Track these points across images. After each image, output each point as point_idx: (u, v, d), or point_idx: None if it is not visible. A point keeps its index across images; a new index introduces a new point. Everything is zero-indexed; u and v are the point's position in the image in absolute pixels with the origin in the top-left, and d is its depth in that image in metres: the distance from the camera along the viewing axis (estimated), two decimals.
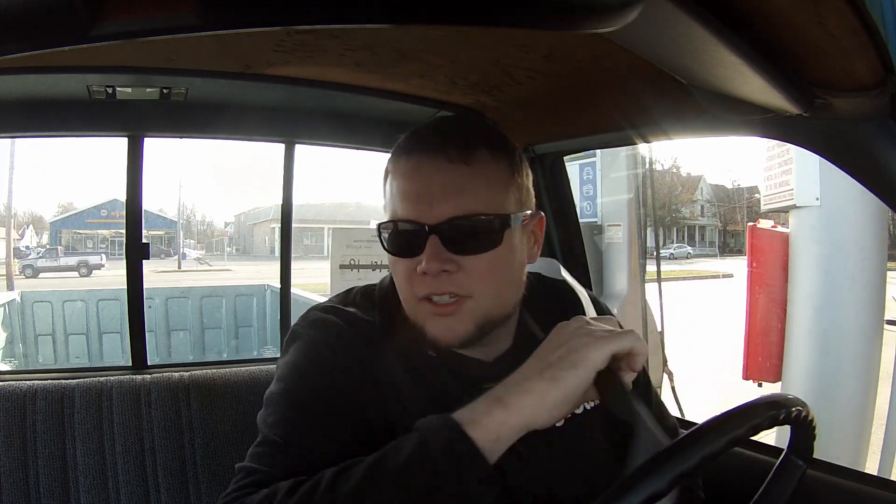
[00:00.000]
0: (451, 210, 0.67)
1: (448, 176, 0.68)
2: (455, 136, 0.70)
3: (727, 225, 34.15)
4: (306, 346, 0.75)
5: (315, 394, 0.71)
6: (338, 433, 0.69)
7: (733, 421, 0.60)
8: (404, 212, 0.69)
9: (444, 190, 0.68)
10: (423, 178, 0.69)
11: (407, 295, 0.72)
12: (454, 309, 0.70)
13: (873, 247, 2.52)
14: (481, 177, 0.69)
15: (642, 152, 3.62)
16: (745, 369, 2.91)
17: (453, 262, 0.68)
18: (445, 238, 0.68)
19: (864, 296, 2.52)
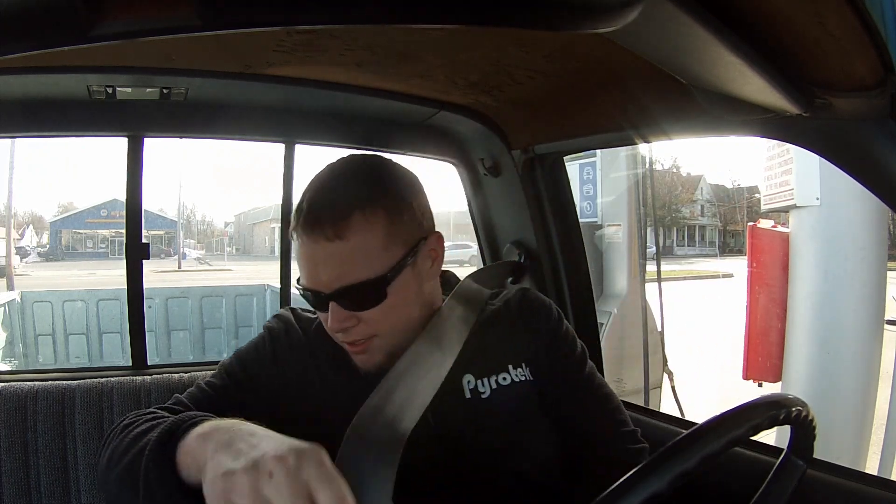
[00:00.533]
0: (336, 282, 0.77)
1: (328, 253, 0.76)
2: (329, 211, 0.77)
3: (727, 225, 34.14)
4: (258, 336, 0.91)
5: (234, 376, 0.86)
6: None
7: (733, 421, 0.60)
8: (304, 280, 0.79)
9: (327, 266, 0.77)
10: (309, 256, 0.78)
11: (332, 335, 0.83)
12: (364, 347, 0.81)
13: (873, 247, 2.52)
14: (358, 249, 0.77)
15: (642, 152, 3.62)
16: (745, 369, 2.91)
17: (353, 318, 0.79)
18: (340, 302, 0.78)
19: (864, 296, 2.52)
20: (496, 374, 0.88)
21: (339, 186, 0.80)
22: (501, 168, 1.44)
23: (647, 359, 3.31)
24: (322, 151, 1.49)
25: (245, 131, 1.40)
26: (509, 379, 0.88)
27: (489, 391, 0.86)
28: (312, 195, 0.80)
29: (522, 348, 0.91)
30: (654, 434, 1.20)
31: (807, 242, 2.64)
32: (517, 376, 0.88)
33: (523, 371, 0.89)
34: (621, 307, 3.57)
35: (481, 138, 1.43)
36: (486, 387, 0.86)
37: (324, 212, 0.77)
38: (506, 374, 0.88)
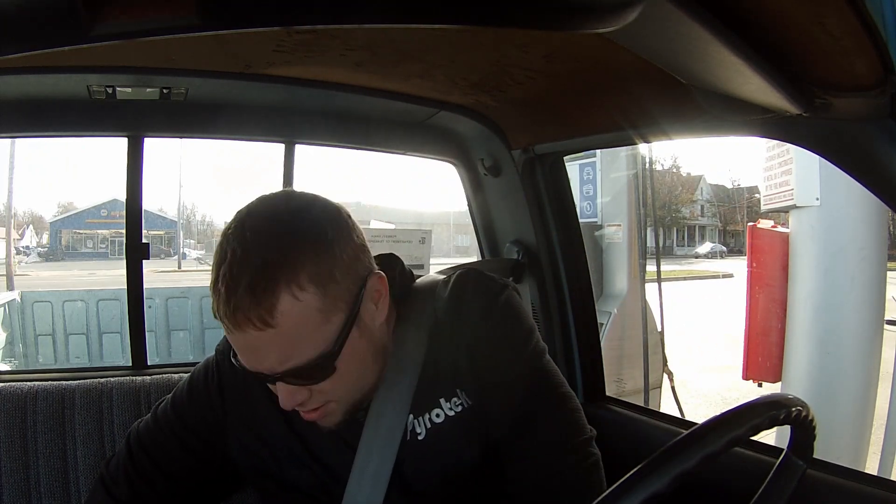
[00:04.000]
0: (279, 366, 0.69)
1: (261, 342, 0.67)
2: (250, 299, 0.66)
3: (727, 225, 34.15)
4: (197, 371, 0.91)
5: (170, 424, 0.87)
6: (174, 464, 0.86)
7: (733, 421, 0.60)
8: (245, 363, 0.71)
9: (265, 353, 0.69)
10: (242, 345, 0.70)
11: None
12: (322, 413, 0.75)
13: (873, 247, 2.52)
14: (293, 332, 0.68)
15: (642, 152, 3.62)
16: (744, 369, 2.91)
17: (305, 391, 0.72)
18: (290, 381, 0.71)
19: (864, 296, 2.52)
20: (429, 410, 0.80)
21: (252, 261, 0.67)
22: (501, 168, 1.44)
23: (646, 359, 3.31)
24: (322, 151, 1.49)
25: (245, 131, 1.40)
26: (442, 415, 0.80)
27: (424, 432, 0.80)
28: (226, 277, 0.67)
29: (455, 369, 0.81)
30: (654, 434, 1.20)
31: (807, 242, 2.64)
32: (450, 409, 0.80)
33: (459, 399, 0.81)
34: (621, 307, 3.57)
35: (481, 138, 1.43)
36: (422, 427, 0.80)
37: (244, 300, 0.66)
38: (438, 409, 0.80)
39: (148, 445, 0.86)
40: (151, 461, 0.85)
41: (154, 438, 0.87)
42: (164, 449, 0.86)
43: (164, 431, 0.87)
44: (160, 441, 0.86)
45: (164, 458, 0.86)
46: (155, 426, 0.88)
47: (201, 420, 0.86)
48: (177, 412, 0.88)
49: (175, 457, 0.86)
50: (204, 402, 0.86)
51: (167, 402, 0.90)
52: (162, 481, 0.85)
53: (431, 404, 0.81)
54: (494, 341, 0.82)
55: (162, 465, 0.85)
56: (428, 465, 0.80)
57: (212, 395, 0.86)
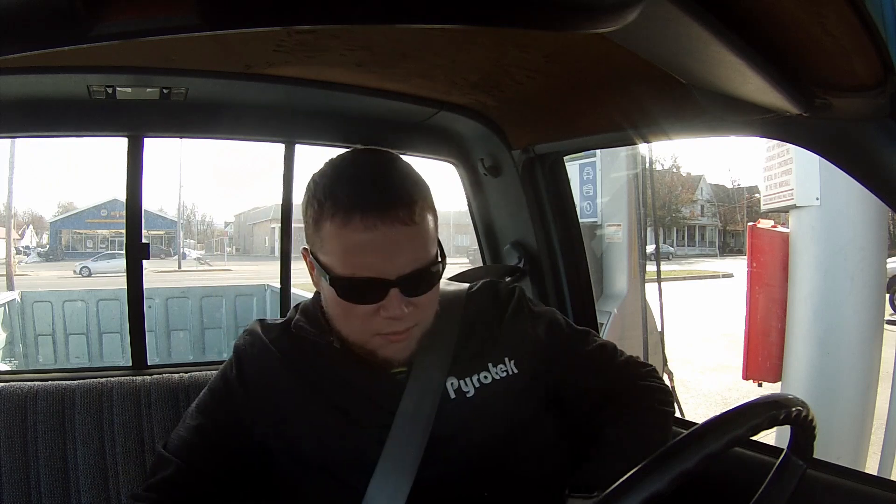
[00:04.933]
0: (406, 266, 0.77)
1: (401, 237, 0.76)
2: (400, 196, 0.77)
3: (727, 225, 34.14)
4: (216, 376, 0.91)
5: (204, 422, 0.87)
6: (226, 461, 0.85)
7: (733, 421, 0.60)
8: (364, 268, 0.77)
9: (400, 249, 0.77)
10: (379, 242, 0.76)
11: (360, 331, 0.82)
12: (406, 335, 0.82)
13: (873, 247, 2.52)
14: (423, 233, 0.79)
15: (642, 152, 3.62)
16: (744, 369, 2.91)
17: (410, 304, 0.79)
18: (403, 288, 0.77)
19: (864, 296, 2.52)
20: (477, 373, 0.87)
21: (390, 175, 0.79)
22: (501, 168, 1.44)
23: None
24: (322, 151, 1.49)
25: (245, 131, 1.40)
26: (490, 377, 0.87)
27: (473, 391, 0.86)
28: (366, 183, 0.77)
29: (501, 344, 0.91)
30: None
31: (807, 242, 2.64)
32: (498, 373, 0.88)
33: (505, 366, 0.89)
34: (621, 307, 3.57)
35: (481, 138, 1.43)
36: (469, 386, 0.86)
37: (394, 196, 0.76)
38: (486, 372, 0.88)
39: (185, 456, 0.85)
40: (194, 471, 0.84)
41: (190, 448, 0.85)
42: (204, 455, 0.85)
43: (197, 438, 0.86)
44: (197, 448, 0.85)
45: (205, 463, 0.84)
46: (187, 434, 0.87)
47: (228, 414, 0.87)
48: (204, 415, 0.88)
49: (214, 459, 0.85)
50: (227, 397, 0.88)
51: (192, 410, 0.90)
52: (209, 486, 0.84)
53: (479, 367, 0.88)
54: (530, 322, 0.95)
55: (206, 471, 0.84)
56: (476, 420, 0.85)
57: (233, 389, 0.87)
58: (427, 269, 0.79)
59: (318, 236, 0.79)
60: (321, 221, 0.78)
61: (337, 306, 0.81)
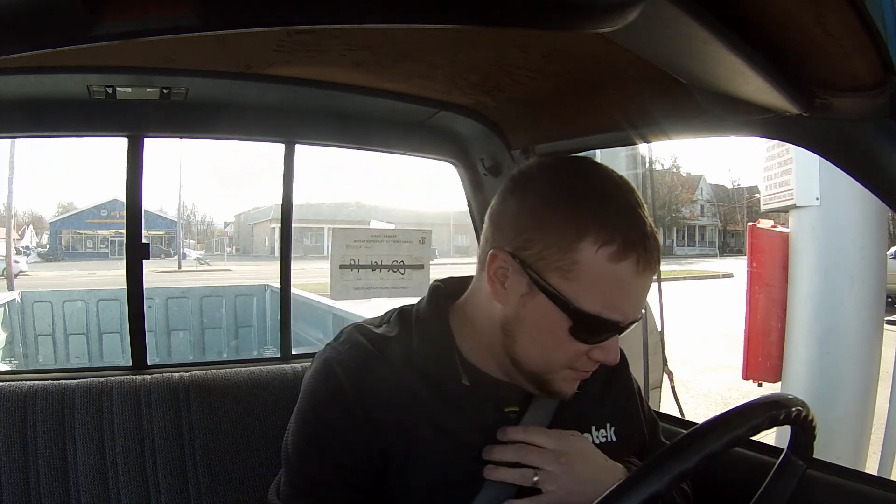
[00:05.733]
0: (638, 314, 0.73)
1: (648, 285, 0.73)
2: (658, 245, 0.71)
3: (727, 225, 34.15)
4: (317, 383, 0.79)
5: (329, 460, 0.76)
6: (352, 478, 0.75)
7: (733, 421, 0.60)
8: (616, 311, 0.70)
9: (645, 300, 0.74)
10: (643, 285, 0.71)
11: (558, 363, 0.74)
12: (587, 375, 0.77)
13: (873, 247, 2.52)
14: None
15: (642, 152, 3.62)
16: (744, 369, 2.90)
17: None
18: (622, 332, 0.73)
19: (864, 296, 2.52)
20: (589, 430, 0.83)
21: (643, 208, 0.71)
22: (501, 168, 1.44)
23: (646, 359, 3.31)
24: (322, 151, 1.49)
25: (245, 131, 1.40)
26: (591, 439, 0.82)
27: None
28: (639, 218, 0.69)
29: (606, 407, 0.85)
30: None
31: (807, 242, 2.64)
32: (599, 437, 0.83)
33: (606, 432, 0.84)
34: None
35: (481, 138, 1.43)
36: None
37: (656, 244, 0.71)
38: (588, 434, 0.82)
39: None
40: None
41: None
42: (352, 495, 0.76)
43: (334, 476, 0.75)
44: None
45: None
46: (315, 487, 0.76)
47: (359, 448, 0.76)
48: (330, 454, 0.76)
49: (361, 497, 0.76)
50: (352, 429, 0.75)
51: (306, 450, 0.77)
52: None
53: (581, 428, 0.82)
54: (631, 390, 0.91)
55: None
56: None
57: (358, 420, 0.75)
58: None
59: (565, 256, 0.68)
60: (581, 245, 0.68)
61: (549, 337, 0.72)
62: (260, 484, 1.17)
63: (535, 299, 0.71)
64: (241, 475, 1.18)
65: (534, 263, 0.70)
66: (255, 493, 1.17)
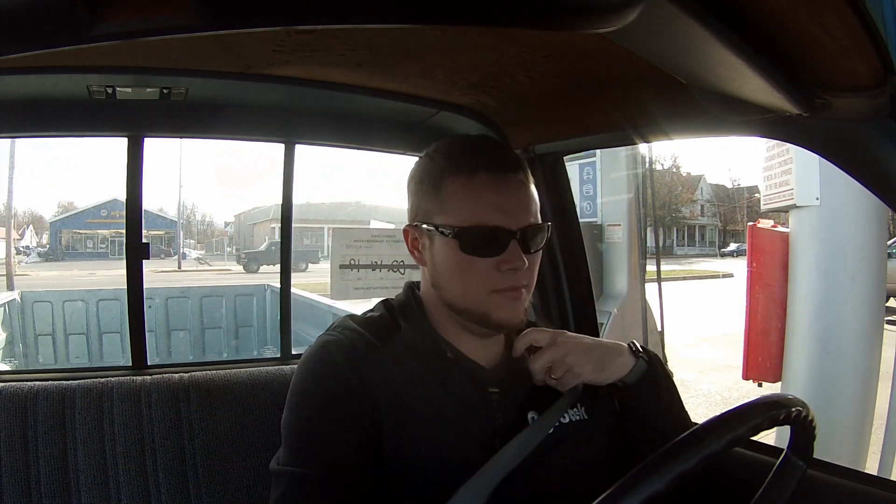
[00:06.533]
0: (526, 220, 0.83)
1: (522, 192, 0.83)
2: (517, 161, 0.85)
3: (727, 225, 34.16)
4: (313, 362, 0.85)
5: (326, 421, 0.81)
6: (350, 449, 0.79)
7: (733, 421, 0.60)
8: (493, 220, 0.81)
9: (520, 204, 0.83)
10: (509, 193, 0.82)
11: (478, 289, 0.83)
12: (518, 295, 0.84)
13: (873, 247, 2.52)
14: (534, 196, 0.85)
15: (642, 152, 3.62)
16: (744, 369, 2.90)
17: (525, 259, 0.82)
18: (521, 242, 0.82)
19: (864, 296, 2.52)
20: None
21: (500, 146, 0.92)
22: None
23: None
24: (322, 151, 1.49)
25: (245, 131, 1.40)
26: (567, 418, 0.87)
27: (552, 428, 0.84)
28: (484, 147, 0.86)
29: (577, 387, 0.88)
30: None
31: (807, 242, 2.64)
32: (572, 416, 0.87)
33: (578, 411, 0.88)
34: (621, 307, 3.57)
35: None
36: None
37: (511, 158, 0.85)
38: (564, 413, 0.86)
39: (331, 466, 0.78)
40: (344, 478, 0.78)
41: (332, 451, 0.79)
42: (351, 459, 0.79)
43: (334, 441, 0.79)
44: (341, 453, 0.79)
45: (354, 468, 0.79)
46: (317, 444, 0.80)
47: (355, 413, 0.80)
48: (328, 417, 0.80)
49: (361, 461, 0.79)
50: (348, 396, 0.81)
51: (307, 416, 0.82)
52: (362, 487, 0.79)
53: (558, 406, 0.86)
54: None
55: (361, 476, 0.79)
56: (552, 458, 0.83)
57: (353, 387, 0.81)
58: (540, 226, 0.84)
59: (436, 199, 0.84)
60: (442, 183, 0.83)
61: (455, 265, 0.83)
62: (260, 484, 1.17)
63: (434, 243, 0.85)
64: (240, 475, 1.18)
65: (423, 218, 0.85)
66: (255, 493, 1.17)
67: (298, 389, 0.84)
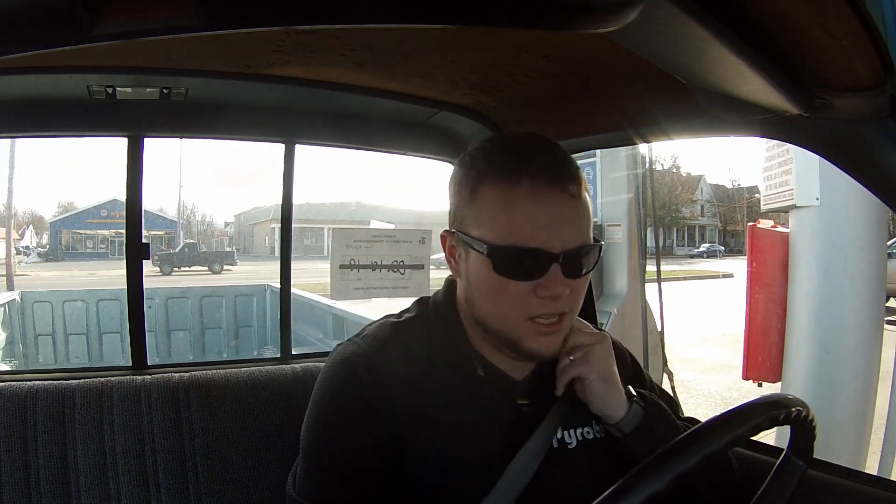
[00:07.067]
0: (573, 241, 0.73)
1: (568, 209, 0.73)
2: (568, 168, 0.74)
3: (727, 225, 34.16)
4: (336, 381, 0.79)
5: (347, 451, 0.76)
6: (375, 481, 0.76)
7: (733, 421, 0.60)
8: (531, 239, 0.72)
9: (567, 222, 0.73)
10: (553, 209, 0.72)
11: (512, 314, 0.75)
12: (557, 327, 0.76)
13: (873, 247, 2.52)
14: (586, 210, 0.75)
15: (642, 152, 3.62)
16: (744, 369, 2.90)
17: (567, 285, 0.74)
18: (564, 265, 0.73)
19: (864, 296, 2.52)
20: (581, 426, 0.84)
21: (555, 149, 0.76)
22: None
23: (646, 359, 3.31)
24: (322, 151, 1.49)
25: (245, 131, 1.40)
26: (592, 434, 0.84)
27: (575, 442, 0.82)
28: (534, 151, 0.74)
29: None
30: None
31: (807, 242, 2.64)
32: (599, 433, 0.84)
33: (600, 429, 0.85)
34: (621, 307, 3.57)
35: (481, 138, 1.42)
36: (573, 438, 0.82)
37: (561, 166, 0.73)
38: (589, 428, 0.84)
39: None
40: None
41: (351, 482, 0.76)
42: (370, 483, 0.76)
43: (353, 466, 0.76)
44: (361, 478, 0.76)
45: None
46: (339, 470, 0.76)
47: (375, 431, 0.76)
48: (345, 440, 0.77)
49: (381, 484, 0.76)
50: (367, 413, 0.77)
51: (322, 440, 0.78)
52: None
53: (584, 422, 0.84)
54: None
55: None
56: (573, 473, 0.80)
57: (374, 403, 0.77)
58: (590, 247, 0.75)
59: (472, 207, 0.75)
60: (479, 188, 0.74)
61: (488, 285, 0.74)
62: (260, 484, 1.17)
63: (469, 257, 0.76)
64: (240, 475, 1.18)
65: (459, 226, 0.77)
66: (255, 493, 1.17)
67: (315, 403, 0.80)
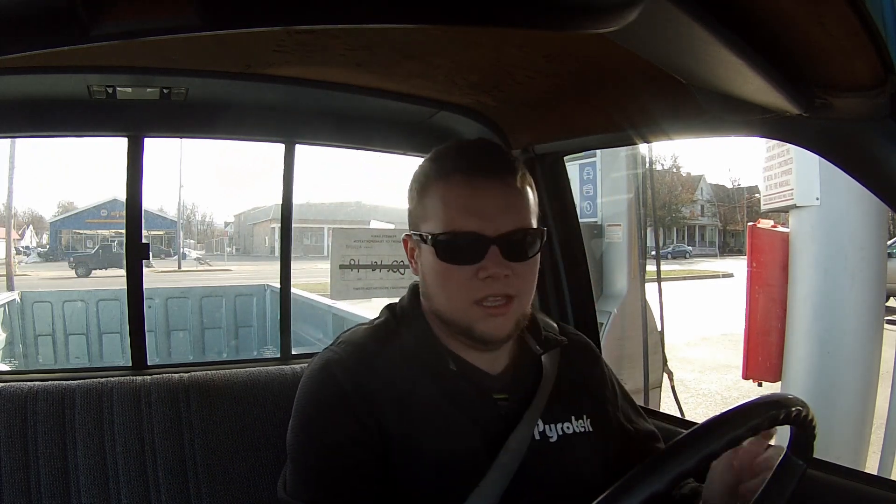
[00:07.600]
0: (508, 225, 0.78)
1: (502, 197, 0.79)
2: (504, 163, 0.82)
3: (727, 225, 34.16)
4: (316, 385, 0.83)
5: (330, 448, 0.80)
6: (364, 479, 0.79)
7: (733, 421, 0.60)
8: (466, 225, 0.78)
9: (502, 208, 0.79)
10: (485, 197, 0.79)
11: (459, 299, 0.80)
12: (504, 309, 0.80)
13: (873, 247, 2.52)
14: (524, 199, 0.81)
15: (642, 152, 3.62)
16: (744, 369, 2.91)
17: (508, 268, 0.78)
18: (503, 248, 0.78)
19: (864, 296, 2.52)
20: (562, 421, 0.86)
21: (493, 148, 0.86)
22: None
23: (646, 359, 3.31)
24: (322, 151, 1.49)
25: (245, 131, 1.40)
26: (572, 429, 0.87)
27: (556, 436, 0.85)
28: (470, 150, 0.84)
29: (584, 399, 0.91)
30: None
31: (807, 242, 2.64)
32: (577, 427, 0.87)
33: (584, 423, 0.88)
34: (621, 307, 3.57)
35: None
36: (553, 432, 0.85)
37: (496, 160, 0.82)
38: (569, 423, 0.87)
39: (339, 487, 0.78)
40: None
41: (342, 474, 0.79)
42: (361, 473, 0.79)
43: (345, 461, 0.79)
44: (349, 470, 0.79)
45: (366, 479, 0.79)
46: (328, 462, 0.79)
47: (358, 423, 0.80)
48: (331, 433, 0.80)
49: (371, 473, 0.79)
50: (347, 409, 0.80)
51: (305, 441, 0.82)
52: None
53: (564, 417, 0.87)
54: (605, 385, 0.96)
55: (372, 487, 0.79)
56: (555, 467, 0.83)
57: (353, 400, 0.80)
58: (527, 231, 0.80)
59: (420, 207, 0.83)
60: (426, 190, 0.82)
61: (436, 274, 0.81)
62: (260, 484, 1.17)
63: (422, 252, 0.83)
64: (240, 475, 1.18)
65: (413, 227, 0.85)
66: (255, 493, 1.17)
67: (297, 408, 0.84)
